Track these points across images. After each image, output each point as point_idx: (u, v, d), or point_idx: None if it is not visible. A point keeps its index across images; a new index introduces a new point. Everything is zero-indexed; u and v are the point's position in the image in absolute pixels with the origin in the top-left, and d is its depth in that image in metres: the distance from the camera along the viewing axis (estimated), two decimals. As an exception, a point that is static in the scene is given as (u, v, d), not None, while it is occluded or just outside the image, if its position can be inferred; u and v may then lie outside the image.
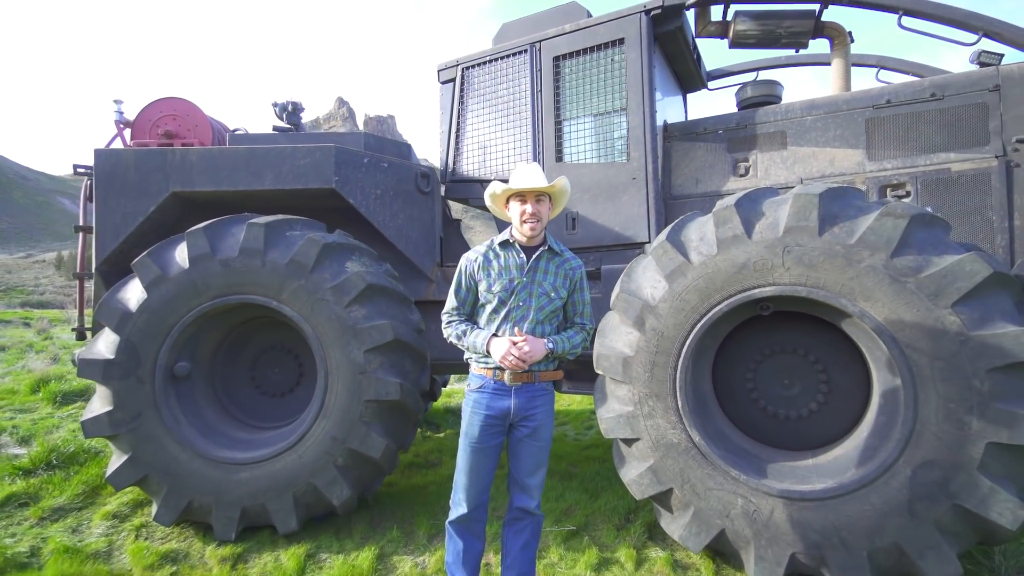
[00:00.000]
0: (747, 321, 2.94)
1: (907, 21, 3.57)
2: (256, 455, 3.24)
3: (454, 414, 6.40)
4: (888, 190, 3.47)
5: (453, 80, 4.71)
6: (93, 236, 4.05)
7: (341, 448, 3.19)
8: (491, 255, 2.50)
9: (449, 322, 2.52)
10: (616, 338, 2.94)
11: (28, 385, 7.19)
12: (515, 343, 2.31)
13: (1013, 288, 2.37)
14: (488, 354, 2.37)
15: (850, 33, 3.95)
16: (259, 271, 3.27)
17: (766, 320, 2.90)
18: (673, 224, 2.98)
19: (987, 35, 3.44)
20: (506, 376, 2.36)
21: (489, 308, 2.46)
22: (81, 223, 4.08)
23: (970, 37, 3.49)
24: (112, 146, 4.35)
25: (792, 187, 3.61)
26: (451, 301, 2.53)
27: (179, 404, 3.37)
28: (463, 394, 7.36)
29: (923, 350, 2.33)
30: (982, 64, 3.44)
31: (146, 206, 3.67)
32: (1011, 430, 2.19)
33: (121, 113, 4.44)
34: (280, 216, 3.45)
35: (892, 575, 2.45)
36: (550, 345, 2.38)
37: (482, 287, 2.47)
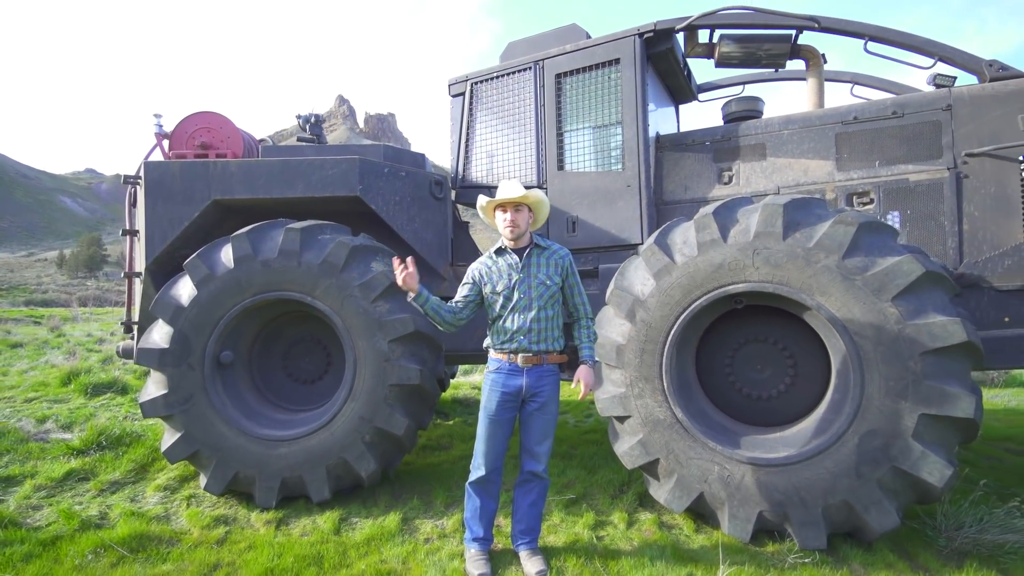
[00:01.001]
0: (725, 315, 3.37)
1: (873, 46, 3.99)
2: (293, 433, 3.67)
3: (461, 404, 6.84)
4: (854, 198, 3.89)
5: (463, 94, 5.12)
6: (138, 239, 4.49)
7: (368, 426, 3.62)
8: (490, 262, 2.97)
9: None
10: (610, 329, 3.37)
11: (58, 378, 7.65)
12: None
13: (945, 284, 2.80)
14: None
15: (823, 55, 4.37)
16: (295, 270, 3.69)
17: (742, 313, 3.33)
18: (660, 229, 3.41)
19: (941, 59, 3.86)
20: (519, 359, 2.80)
21: (498, 305, 2.90)
22: (128, 227, 4.52)
23: (927, 61, 3.91)
24: (152, 156, 4.77)
25: (770, 194, 4.05)
26: (457, 296, 3.01)
27: (224, 389, 3.79)
28: (469, 386, 7.80)
29: (868, 337, 2.76)
30: (937, 86, 3.85)
31: (190, 212, 4.09)
32: (939, 403, 2.62)
33: (160, 126, 4.86)
34: (313, 221, 3.87)
35: (843, 528, 2.88)
36: (592, 361, 2.88)
37: (487, 290, 2.92)
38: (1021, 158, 3.47)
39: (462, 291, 3.00)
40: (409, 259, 2.83)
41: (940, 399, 2.62)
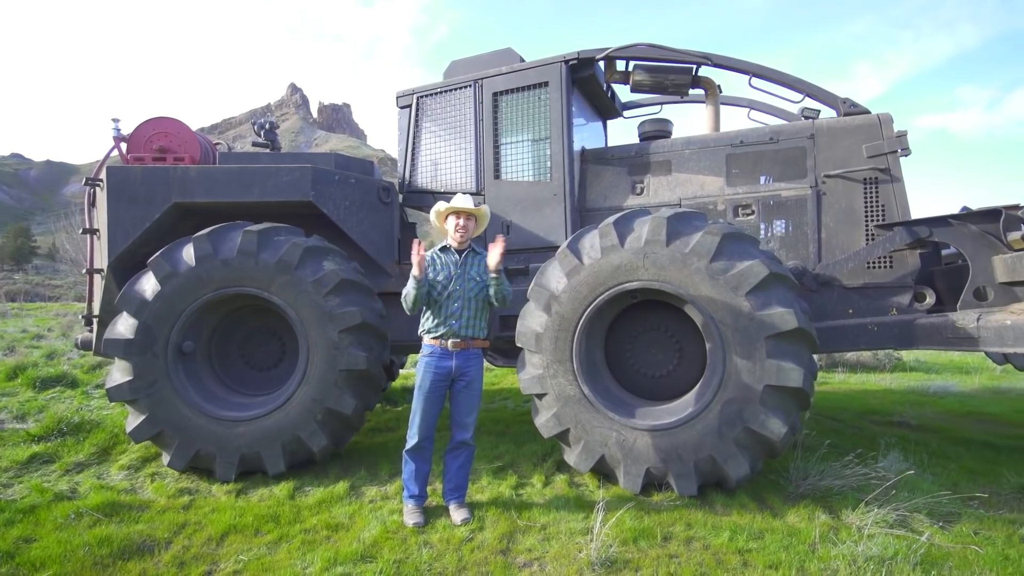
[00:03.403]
0: (628, 308, 4.02)
1: (756, 81, 4.73)
2: (252, 414, 4.09)
3: (409, 392, 7.30)
4: (740, 209, 4.63)
5: (410, 106, 5.61)
6: (98, 237, 4.78)
7: (320, 407, 4.08)
8: (436, 256, 3.54)
9: (404, 300, 3.46)
10: (531, 320, 3.96)
11: (3, 373, 7.66)
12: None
13: (788, 282, 3.53)
14: (416, 280, 3.28)
15: (719, 85, 5.10)
16: (253, 268, 4.11)
17: (641, 307, 3.98)
18: (573, 235, 4.03)
19: (808, 95, 4.64)
20: (449, 343, 3.37)
21: (435, 292, 3.47)
22: (88, 226, 4.80)
23: (798, 96, 4.68)
24: (111, 157, 5.04)
25: (673, 205, 4.74)
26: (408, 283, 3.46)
27: (186, 375, 4.17)
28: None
29: (729, 324, 3.45)
30: (805, 117, 4.63)
31: (152, 214, 4.44)
32: (777, 376, 3.33)
33: (118, 129, 5.12)
34: (269, 224, 4.29)
35: (711, 478, 3.59)
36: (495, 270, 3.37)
37: (431, 275, 3.48)
38: (863, 180, 4.28)
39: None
40: (420, 243, 3.33)
41: (778, 373, 3.33)
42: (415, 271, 3.28)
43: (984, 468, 4.11)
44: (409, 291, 3.34)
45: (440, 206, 3.60)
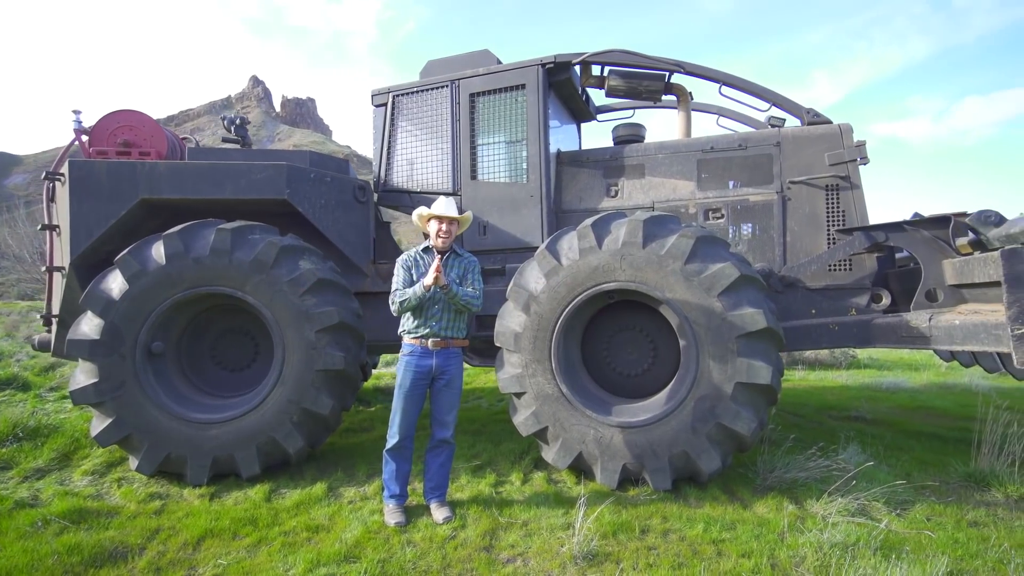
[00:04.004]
0: (604, 309, 4.11)
1: (725, 90, 4.90)
2: (225, 416, 4.01)
3: (382, 392, 7.28)
4: (710, 213, 4.79)
5: (385, 104, 5.58)
6: (58, 234, 4.60)
7: (296, 408, 4.03)
8: (419, 258, 3.56)
9: (395, 300, 3.46)
10: (510, 320, 4.01)
11: (-52, 376, 7.24)
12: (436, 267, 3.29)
13: (757, 284, 3.68)
14: (426, 289, 3.30)
15: (691, 93, 5.26)
16: (227, 267, 4.02)
17: (616, 308, 4.08)
18: (551, 237, 4.10)
19: (775, 104, 4.84)
20: (430, 343, 3.39)
21: None
22: (47, 222, 4.60)
23: (764, 105, 4.88)
24: (71, 151, 4.85)
25: (647, 208, 4.87)
26: (396, 285, 3.47)
27: (155, 377, 4.06)
28: (391, 376, 8.29)
29: (702, 324, 3.59)
30: (772, 125, 4.82)
31: (117, 210, 4.29)
32: (747, 374, 3.48)
33: (80, 122, 4.93)
34: (243, 222, 4.20)
35: (684, 473, 3.72)
36: (453, 287, 3.37)
37: (414, 276, 3.49)
38: (826, 186, 4.49)
39: (402, 276, 3.47)
40: (437, 260, 3.34)
41: (748, 371, 3.48)
42: (429, 280, 3.28)
43: (934, 459, 4.38)
44: (411, 297, 3.35)
45: (423, 211, 3.61)
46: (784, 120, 4.86)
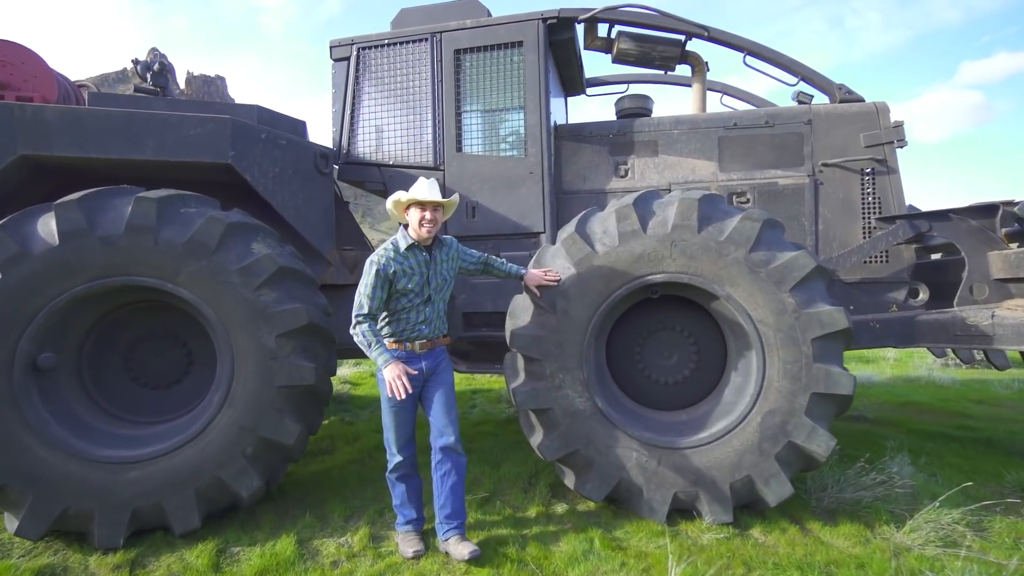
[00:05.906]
0: (636, 305, 3.44)
1: (750, 60, 4.39)
2: (148, 451, 2.97)
3: (335, 401, 6.26)
4: (734, 197, 4.25)
5: (347, 58, 4.60)
6: None
7: (251, 437, 3.06)
8: (401, 259, 2.83)
9: (360, 323, 2.74)
10: (528, 319, 3.25)
11: None
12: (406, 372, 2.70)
13: (826, 277, 3.16)
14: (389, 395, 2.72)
15: (707, 63, 4.71)
16: (150, 251, 2.97)
17: (649, 303, 3.43)
18: (578, 218, 3.38)
19: (803, 79, 4.38)
20: (416, 346, 2.88)
21: (405, 299, 2.84)
22: None
23: (792, 79, 4.41)
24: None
25: (664, 190, 4.25)
26: (365, 305, 2.75)
27: (43, 401, 2.93)
28: (339, 381, 7.17)
29: (770, 324, 3.01)
30: (799, 102, 4.36)
31: (-17, 170, 3.08)
32: (826, 383, 2.95)
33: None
34: (171, 191, 3.14)
35: (744, 500, 3.13)
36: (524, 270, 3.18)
37: (399, 286, 2.82)
38: (862, 170, 4.08)
39: (377, 294, 2.77)
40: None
41: (827, 379, 2.95)
42: (399, 396, 2.66)
43: (967, 465, 4.11)
44: (373, 349, 2.71)
45: (401, 195, 2.92)
46: (812, 96, 4.41)
